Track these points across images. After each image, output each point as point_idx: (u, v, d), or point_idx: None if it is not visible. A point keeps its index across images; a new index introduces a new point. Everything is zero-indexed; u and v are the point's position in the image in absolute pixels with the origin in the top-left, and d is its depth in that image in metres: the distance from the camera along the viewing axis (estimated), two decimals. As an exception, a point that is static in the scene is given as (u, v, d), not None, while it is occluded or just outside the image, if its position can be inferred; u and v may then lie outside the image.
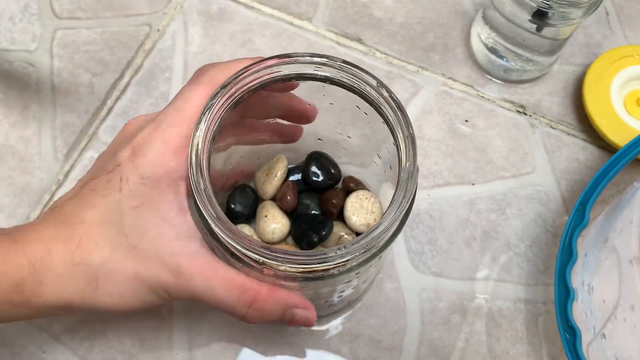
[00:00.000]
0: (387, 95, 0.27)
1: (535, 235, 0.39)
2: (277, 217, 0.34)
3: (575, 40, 0.45)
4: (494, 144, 0.42)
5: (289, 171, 0.36)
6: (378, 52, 0.44)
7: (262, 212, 0.34)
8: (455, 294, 0.38)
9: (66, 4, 0.45)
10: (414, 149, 0.26)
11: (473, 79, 0.44)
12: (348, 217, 0.33)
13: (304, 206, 0.35)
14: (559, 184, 0.41)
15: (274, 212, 0.34)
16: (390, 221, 0.24)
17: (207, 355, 0.36)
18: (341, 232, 0.34)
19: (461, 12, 0.46)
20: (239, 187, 0.35)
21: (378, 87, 0.27)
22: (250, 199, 0.35)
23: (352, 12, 0.45)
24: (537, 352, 0.36)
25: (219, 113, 0.26)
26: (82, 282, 0.26)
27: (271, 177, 0.34)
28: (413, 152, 0.26)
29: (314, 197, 0.35)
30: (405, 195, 0.25)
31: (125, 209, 0.26)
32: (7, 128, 0.41)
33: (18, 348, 0.35)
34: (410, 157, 0.26)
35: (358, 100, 0.28)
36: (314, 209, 0.35)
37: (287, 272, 0.25)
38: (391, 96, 0.27)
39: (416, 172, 0.26)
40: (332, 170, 0.35)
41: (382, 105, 0.27)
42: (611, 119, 0.41)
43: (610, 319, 0.31)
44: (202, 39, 0.44)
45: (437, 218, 0.39)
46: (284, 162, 0.35)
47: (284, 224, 0.33)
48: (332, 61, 0.27)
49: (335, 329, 0.36)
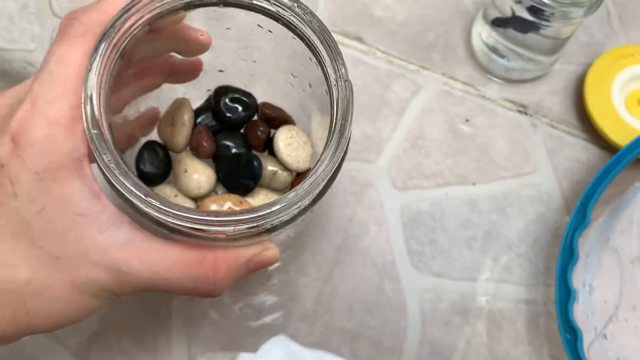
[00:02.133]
0: (296, 8, 0.24)
1: (537, 235, 0.39)
2: (198, 168, 0.30)
3: (576, 40, 0.45)
4: (495, 144, 0.41)
5: (195, 115, 0.32)
6: (378, 52, 0.44)
7: (180, 167, 0.30)
8: (456, 294, 0.37)
9: (65, 3, 0.45)
10: (339, 57, 0.23)
11: (474, 78, 0.43)
12: (281, 153, 0.30)
13: (225, 148, 0.32)
14: (560, 184, 0.41)
15: (192, 164, 0.31)
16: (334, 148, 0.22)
17: (206, 355, 0.36)
18: (274, 168, 0.31)
19: (462, 11, 0.46)
20: (144, 146, 0.31)
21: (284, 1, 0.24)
22: (161, 155, 0.31)
23: (352, 11, 0.45)
24: (539, 353, 0.36)
25: (106, 69, 0.22)
26: (9, 310, 0.23)
27: (178, 126, 0.31)
28: (339, 62, 0.23)
29: (233, 136, 0.32)
30: (345, 115, 0.22)
31: (28, 217, 0.22)
32: (6, 128, 0.41)
33: (17, 349, 0.35)
34: (339, 68, 0.23)
35: (259, 19, 0.25)
36: (236, 148, 0.32)
37: (242, 232, 0.23)
38: (302, 8, 0.24)
39: (349, 85, 0.23)
40: (247, 101, 0.32)
41: (288, 19, 0.24)
42: (612, 118, 0.40)
43: (612, 319, 0.31)
44: (201, 39, 0.44)
45: (437, 218, 0.39)
46: (187, 104, 0.31)
47: (208, 174, 0.30)
48: None
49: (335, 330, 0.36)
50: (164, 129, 0.32)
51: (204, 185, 0.30)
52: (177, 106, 0.31)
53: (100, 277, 0.23)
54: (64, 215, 0.22)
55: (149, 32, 0.24)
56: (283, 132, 0.31)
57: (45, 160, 0.22)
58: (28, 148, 0.22)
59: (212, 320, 0.36)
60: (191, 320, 0.36)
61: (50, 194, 0.22)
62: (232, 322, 0.36)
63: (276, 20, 0.24)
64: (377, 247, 0.38)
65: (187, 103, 0.31)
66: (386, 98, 0.42)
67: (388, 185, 0.40)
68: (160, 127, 0.32)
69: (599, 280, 0.33)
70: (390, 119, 0.42)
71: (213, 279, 0.24)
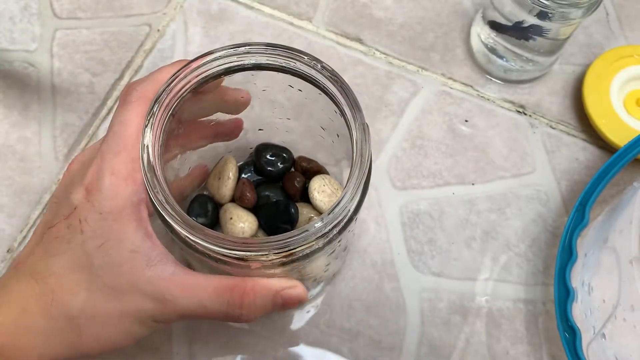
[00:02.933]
0: (319, 67, 0.27)
1: (535, 235, 0.39)
2: (242, 215, 0.33)
3: (575, 40, 0.45)
4: (494, 144, 0.42)
5: (240, 170, 0.36)
6: (378, 52, 0.44)
7: (226, 216, 0.34)
8: (455, 294, 0.38)
9: (66, 4, 0.45)
10: (359, 109, 0.26)
11: (473, 79, 0.44)
12: (315, 199, 0.34)
13: (265, 198, 0.35)
14: (559, 184, 0.41)
15: (237, 212, 0.34)
16: (356, 183, 0.25)
17: (206, 355, 0.36)
18: (310, 214, 0.34)
19: (461, 12, 0.46)
20: (194, 199, 0.35)
21: (309, 60, 0.27)
22: (209, 206, 0.35)
23: (352, 12, 0.45)
24: (537, 352, 0.36)
25: (159, 126, 0.26)
26: (65, 335, 0.26)
27: (224, 179, 0.34)
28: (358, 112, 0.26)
29: (272, 187, 0.36)
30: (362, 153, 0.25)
31: (91, 250, 0.26)
32: (7, 128, 0.41)
33: (18, 348, 0.35)
34: (357, 115, 0.26)
35: (290, 79, 0.28)
36: (275, 197, 0.35)
37: (273, 260, 0.25)
38: (323, 66, 0.27)
39: (367, 129, 0.26)
40: (285, 155, 0.36)
41: (314, 77, 0.27)
42: (611, 119, 0.41)
43: (610, 319, 0.31)
44: (202, 39, 0.44)
45: (437, 218, 0.39)
46: (232, 161, 0.35)
47: (250, 221, 0.33)
48: (255, 47, 0.27)
49: (338, 329, 0.36)
50: (212, 182, 0.35)
51: (247, 231, 0.33)
52: (224, 162, 0.35)
53: (147, 306, 0.26)
54: (120, 250, 0.26)
55: (195, 94, 0.28)
56: (317, 181, 0.34)
57: (109, 203, 0.26)
58: (97, 194, 0.26)
59: (212, 320, 0.36)
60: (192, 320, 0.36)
61: (111, 232, 0.26)
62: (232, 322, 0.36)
63: (303, 79, 0.27)
64: (377, 247, 0.38)
65: (232, 159, 0.35)
66: (386, 98, 0.43)
67: (387, 185, 0.40)
68: (209, 181, 0.35)
69: (597, 279, 0.33)
70: (389, 119, 0.42)
71: (240, 304, 0.26)
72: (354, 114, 0.26)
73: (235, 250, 0.24)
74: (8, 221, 0.39)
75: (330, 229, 0.25)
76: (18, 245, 0.38)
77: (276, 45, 0.27)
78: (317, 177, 0.34)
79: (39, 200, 0.39)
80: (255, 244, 0.24)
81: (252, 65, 0.28)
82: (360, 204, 0.27)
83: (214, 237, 0.24)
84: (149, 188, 0.25)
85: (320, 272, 0.32)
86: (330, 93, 0.27)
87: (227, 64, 0.27)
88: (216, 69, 0.27)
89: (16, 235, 0.38)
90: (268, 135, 0.36)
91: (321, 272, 0.32)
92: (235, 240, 0.24)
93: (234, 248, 0.24)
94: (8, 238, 0.38)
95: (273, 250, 0.24)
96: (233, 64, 0.27)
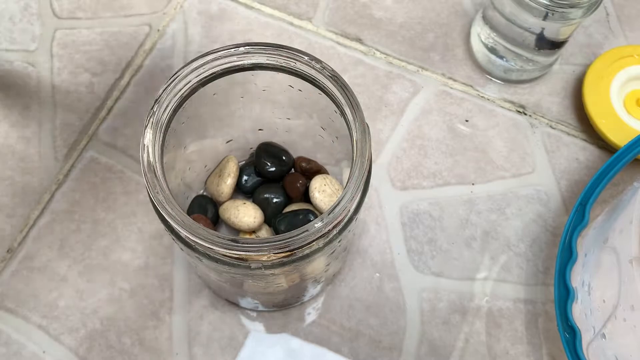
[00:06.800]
0: (319, 67, 0.27)
1: (535, 235, 0.39)
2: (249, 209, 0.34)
3: (575, 40, 0.45)
4: (494, 144, 0.42)
5: (241, 169, 0.36)
6: (378, 52, 0.44)
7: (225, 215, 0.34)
8: (455, 294, 0.38)
9: (66, 4, 0.45)
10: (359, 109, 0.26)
11: (473, 79, 0.44)
12: (316, 200, 0.34)
13: (265, 200, 0.36)
14: (559, 184, 0.41)
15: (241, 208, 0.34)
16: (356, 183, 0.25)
17: (207, 355, 0.36)
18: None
19: (461, 12, 0.46)
20: (194, 199, 0.35)
21: (309, 60, 0.27)
22: (209, 206, 0.35)
23: (352, 12, 0.46)
24: (537, 352, 0.36)
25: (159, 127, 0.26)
26: None
27: (224, 177, 0.35)
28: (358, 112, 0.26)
29: (274, 187, 0.36)
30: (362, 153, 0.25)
31: None
32: (7, 128, 0.41)
33: (18, 347, 0.35)
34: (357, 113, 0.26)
35: (290, 79, 0.28)
36: (276, 198, 0.36)
37: (273, 260, 0.25)
38: (323, 66, 0.27)
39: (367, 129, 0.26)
40: (284, 157, 0.36)
41: (314, 77, 0.27)
42: (611, 119, 0.41)
43: (610, 319, 0.31)
44: (202, 39, 0.44)
45: (437, 218, 0.39)
46: (234, 160, 0.35)
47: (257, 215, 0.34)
48: (255, 47, 0.27)
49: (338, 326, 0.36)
50: (212, 180, 0.36)
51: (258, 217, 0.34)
52: (226, 161, 0.35)
53: None
54: None
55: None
56: (318, 181, 0.34)
57: None
58: None
59: (212, 320, 0.36)
60: (192, 320, 0.36)
61: None
62: (233, 321, 0.36)
63: (303, 79, 0.28)
64: (377, 247, 0.38)
65: (233, 158, 0.36)
66: (385, 98, 0.43)
67: (387, 184, 0.40)
68: (209, 180, 0.36)
69: (597, 279, 0.33)
70: (389, 119, 0.42)
71: None
72: (354, 114, 0.26)
73: (235, 250, 0.24)
74: (8, 221, 0.39)
75: (330, 229, 0.25)
76: (18, 245, 0.38)
77: (276, 45, 0.27)
78: (318, 177, 0.35)
79: (38, 200, 0.39)
80: (255, 244, 0.24)
81: (252, 65, 0.28)
82: (360, 204, 0.27)
83: (214, 237, 0.24)
84: (149, 188, 0.25)
85: (320, 272, 0.32)
86: (330, 93, 0.27)
87: (227, 64, 0.27)
88: (216, 68, 0.27)
89: (16, 235, 0.38)
90: (268, 135, 0.36)
91: (321, 272, 0.32)
92: (236, 240, 0.24)
93: (234, 248, 0.24)
94: (8, 238, 0.38)
95: (273, 250, 0.24)
96: (233, 63, 0.27)
